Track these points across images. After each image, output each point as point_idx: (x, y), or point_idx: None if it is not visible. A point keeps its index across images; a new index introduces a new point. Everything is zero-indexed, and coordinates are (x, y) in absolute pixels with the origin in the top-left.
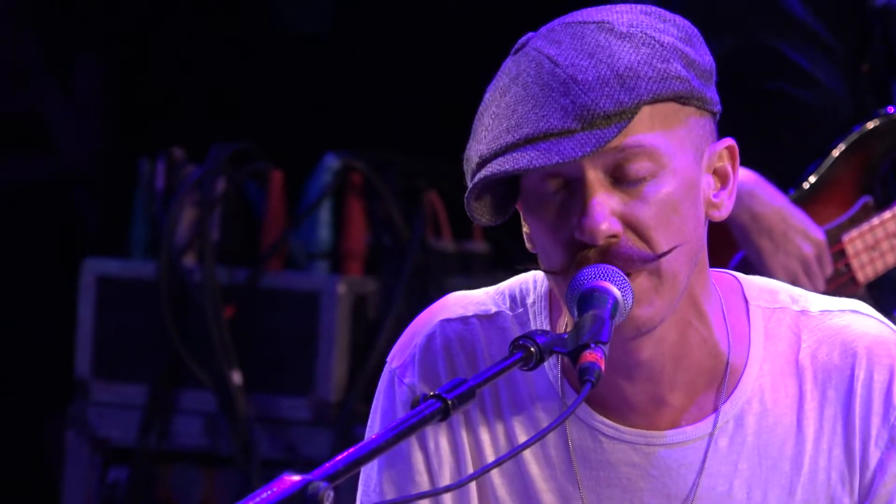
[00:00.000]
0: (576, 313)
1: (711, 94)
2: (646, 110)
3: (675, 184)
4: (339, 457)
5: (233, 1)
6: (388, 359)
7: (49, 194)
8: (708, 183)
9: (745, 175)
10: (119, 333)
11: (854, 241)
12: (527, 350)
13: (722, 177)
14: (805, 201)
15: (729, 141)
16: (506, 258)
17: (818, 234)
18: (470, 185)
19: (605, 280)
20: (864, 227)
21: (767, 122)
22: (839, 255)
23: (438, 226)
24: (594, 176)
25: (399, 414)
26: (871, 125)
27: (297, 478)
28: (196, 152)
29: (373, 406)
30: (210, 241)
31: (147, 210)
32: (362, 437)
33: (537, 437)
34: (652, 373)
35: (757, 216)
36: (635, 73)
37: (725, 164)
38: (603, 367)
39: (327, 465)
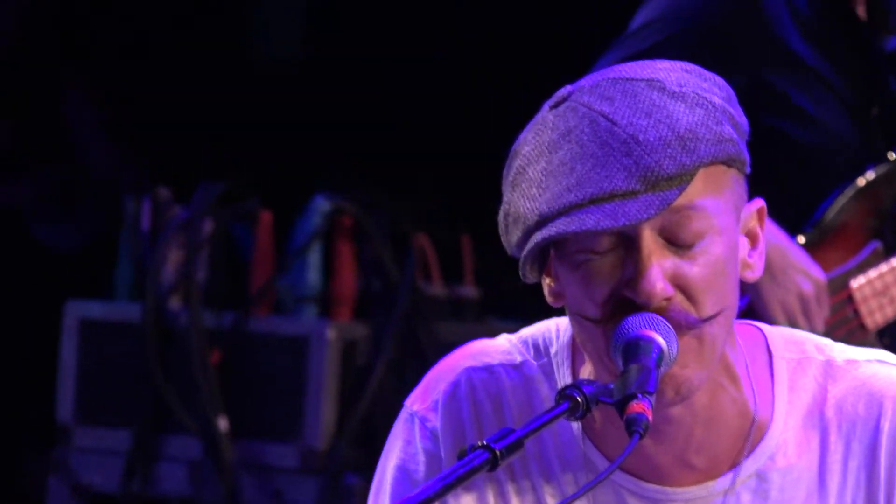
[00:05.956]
0: (620, 363)
1: (747, 155)
2: (700, 172)
3: (722, 246)
4: None
5: (221, 39)
6: (408, 402)
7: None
8: (742, 244)
9: None
10: (102, 377)
11: (862, 287)
12: (573, 400)
13: (752, 238)
14: (812, 245)
15: (759, 202)
16: (497, 304)
17: (818, 273)
18: (526, 243)
19: (651, 329)
20: (873, 272)
21: (769, 162)
22: (847, 300)
23: (428, 269)
24: (651, 237)
25: (420, 457)
26: (881, 169)
27: None
28: (182, 192)
29: (386, 449)
30: (197, 283)
31: (132, 251)
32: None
33: (570, 499)
34: (679, 434)
35: None
36: (695, 135)
37: (755, 224)
38: (650, 418)
39: None
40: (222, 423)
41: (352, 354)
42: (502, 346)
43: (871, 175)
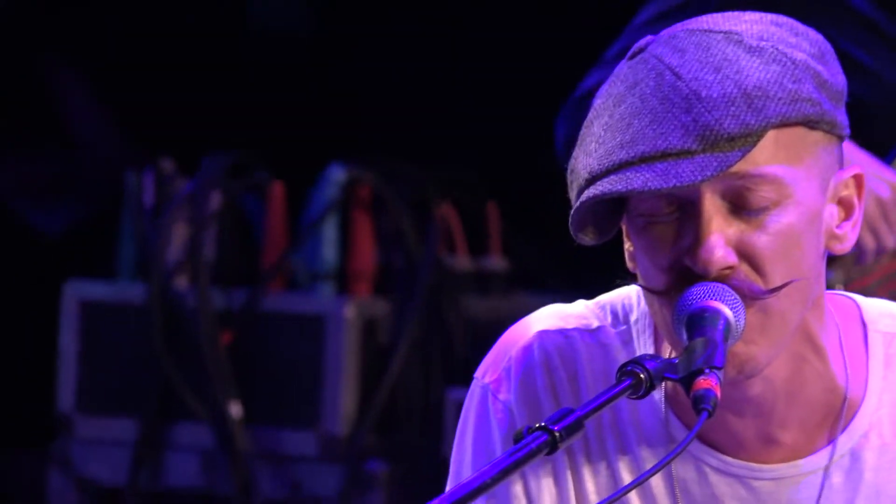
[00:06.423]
0: (684, 336)
1: (841, 118)
2: (772, 134)
3: (797, 215)
4: (441, 498)
5: (226, 4)
6: (478, 374)
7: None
8: (831, 214)
9: None
10: (105, 363)
11: None
12: (636, 377)
13: (846, 207)
14: None
15: (856, 169)
16: (527, 277)
17: (892, 176)
18: (576, 202)
19: (715, 300)
20: None
21: None
22: None
23: (452, 241)
24: (712, 202)
25: (495, 434)
26: None
27: None
28: (187, 163)
29: (460, 428)
30: (204, 260)
31: (135, 227)
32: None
33: (646, 476)
34: (762, 409)
35: None
36: (764, 92)
37: (851, 193)
38: (719, 395)
39: None
40: (235, 410)
41: (372, 333)
42: (577, 311)
43: None
